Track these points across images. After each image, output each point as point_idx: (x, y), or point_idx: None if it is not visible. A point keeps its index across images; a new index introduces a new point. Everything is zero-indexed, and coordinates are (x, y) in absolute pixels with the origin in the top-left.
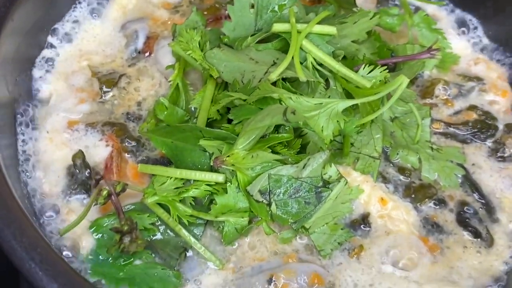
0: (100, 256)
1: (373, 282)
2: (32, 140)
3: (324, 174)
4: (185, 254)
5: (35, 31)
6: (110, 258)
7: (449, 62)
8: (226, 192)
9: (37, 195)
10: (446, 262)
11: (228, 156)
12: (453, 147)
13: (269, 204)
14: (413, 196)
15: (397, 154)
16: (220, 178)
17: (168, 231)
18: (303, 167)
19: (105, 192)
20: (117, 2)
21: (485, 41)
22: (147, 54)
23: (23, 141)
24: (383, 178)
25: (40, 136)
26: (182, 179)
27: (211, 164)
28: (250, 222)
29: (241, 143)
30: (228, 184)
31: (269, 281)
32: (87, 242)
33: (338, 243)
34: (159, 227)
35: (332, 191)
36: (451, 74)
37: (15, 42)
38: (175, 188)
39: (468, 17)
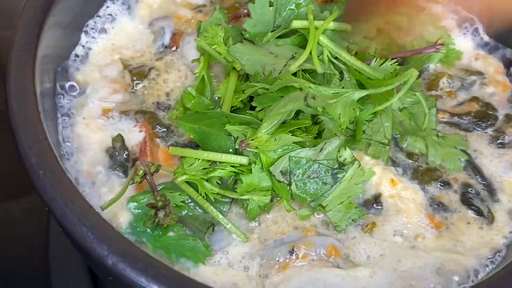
0: (138, 229)
1: (384, 252)
2: (71, 126)
3: (340, 157)
4: (213, 228)
5: (72, 26)
6: (148, 230)
7: (453, 57)
8: (251, 173)
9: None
10: (451, 236)
11: (252, 139)
12: (456, 135)
13: (289, 184)
14: (420, 178)
15: (406, 140)
16: (244, 160)
17: (197, 207)
18: (320, 150)
19: (141, 172)
20: (144, 1)
21: (485, 38)
22: (173, 49)
23: (63, 127)
24: (393, 162)
25: (76, 122)
26: (209, 160)
27: (236, 147)
28: (271, 200)
29: (265, 127)
30: (253, 165)
31: (291, 252)
32: (124, 218)
33: (352, 220)
34: (189, 204)
35: (346, 172)
36: (454, 68)
37: (55, 36)
38: (203, 169)
39: (469, 15)
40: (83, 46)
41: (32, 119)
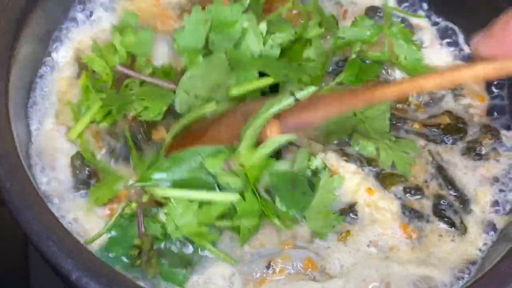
0: (110, 254)
1: (356, 262)
2: (44, 138)
3: (311, 165)
4: (191, 268)
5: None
6: (120, 257)
7: (422, 72)
8: (245, 200)
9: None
10: (425, 248)
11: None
12: (410, 140)
13: (274, 200)
14: (382, 181)
15: (357, 144)
16: (233, 197)
17: (176, 243)
18: (293, 161)
19: (133, 205)
20: None
21: (466, 49)
22: None
23: (35, 138)
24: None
25: (48, 134)
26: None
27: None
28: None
29: (246, 142)
30: (245, 190)
31: (268, 266)
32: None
33: (333, 226)
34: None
35: (320, 180)
36: None
37: (28, 47)
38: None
39: (450, 26)
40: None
41: (2, 130)
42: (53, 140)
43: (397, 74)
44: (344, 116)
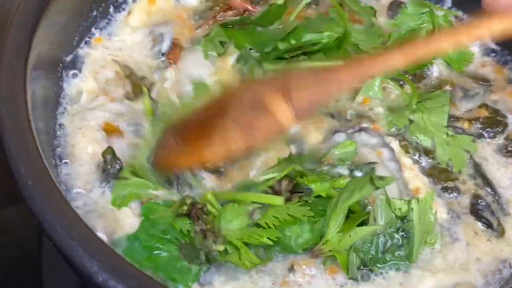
0: (136, 243)
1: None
2: (64, 136)
3: (394, 210)
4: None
5: (67, 31)
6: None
7: (464, 60)
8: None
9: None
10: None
11: (323, 244)
12: (466, 136)
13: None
14: (436, 175)
15: (415, 136)
16: (280, 200)
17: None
18: (374, 219)
19: (189, 201)
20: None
21: (492, 44)
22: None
23: (56, 136)
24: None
25: (70, 132)
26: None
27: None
28: None
29: (333, 226)
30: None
31: (290, 269)
32: (123, 228)
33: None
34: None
35: (413, 221)
36: (459, 75)
37: (48, 40)
38: (240, 229)
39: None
40: (78, 52)
41: (22, 127)
42: (80, 133)
43: (435, 69)
44: (402, 105)
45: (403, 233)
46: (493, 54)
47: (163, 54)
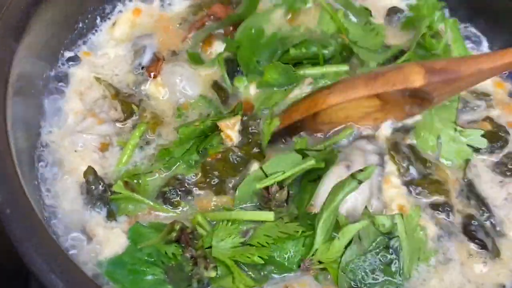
0: (121, 266)
1: None
2: (52, 157)
3: (378, 227)
4: None
5: (48, 48)
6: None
7: None
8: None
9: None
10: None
11: (313, 254)
12: (476, 130)
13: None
14: (426, 186)
15: (421, 135)
16: (270, 216)
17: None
18: (360, 240)
19: (178, 226)
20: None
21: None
22: (151, 75)
23: (40, 159)
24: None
25: (55, 154)
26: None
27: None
28: None
29: (321, 235)
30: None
31: None
32: (113, 247)
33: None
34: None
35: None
36: None
37: (29, 59)
38: (234, 247)
39: (473, 31)
40: (62, 69)
41: (2, 154)
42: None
43: None
44: None
45: (391, 249)
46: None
47: (142, 68)
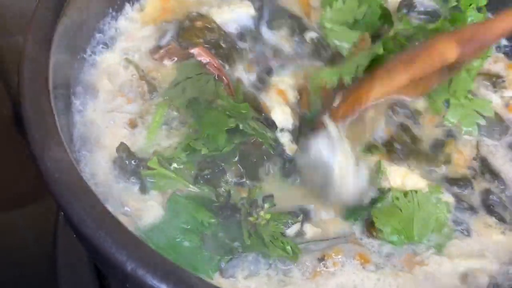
0: (159, 233)
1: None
2: (84, 128)
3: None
4: (230, 259)
5: (85, 27)
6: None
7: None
8: None
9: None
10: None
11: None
12: (485, 100)
13: None
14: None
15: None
16: None
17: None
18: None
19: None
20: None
21: (503, 41)
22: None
23: (78, 129)
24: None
25: (89, 126)
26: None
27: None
28: None
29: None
30: None
31: (320, 259)
32: (145, 220)
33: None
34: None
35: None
36: None
37: (67, 36)
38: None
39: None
40: (93, 51)
41: (47, 121)
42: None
43: None
44: None
45: None
46: (504, 50)
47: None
